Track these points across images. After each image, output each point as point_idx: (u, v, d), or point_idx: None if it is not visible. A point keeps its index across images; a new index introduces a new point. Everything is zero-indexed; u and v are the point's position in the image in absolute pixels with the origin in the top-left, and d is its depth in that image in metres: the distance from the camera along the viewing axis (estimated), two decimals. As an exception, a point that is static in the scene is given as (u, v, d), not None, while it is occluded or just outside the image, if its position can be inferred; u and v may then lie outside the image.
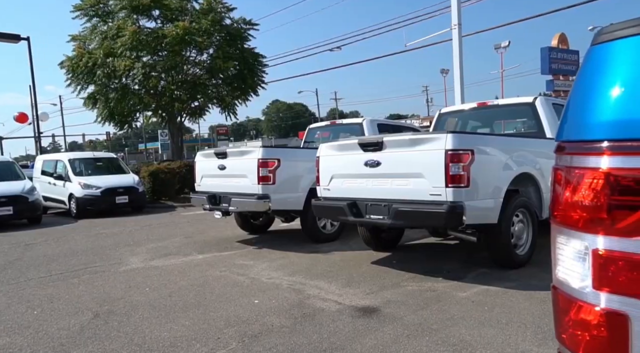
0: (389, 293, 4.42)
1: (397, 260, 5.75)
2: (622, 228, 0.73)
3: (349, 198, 5.30)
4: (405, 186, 4.79)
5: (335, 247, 6.67)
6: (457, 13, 10.89)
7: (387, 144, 4.93)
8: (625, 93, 0.74)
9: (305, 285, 4.82)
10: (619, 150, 0.74)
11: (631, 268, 0.71)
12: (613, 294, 0.74)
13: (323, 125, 9.50)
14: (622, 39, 0.77)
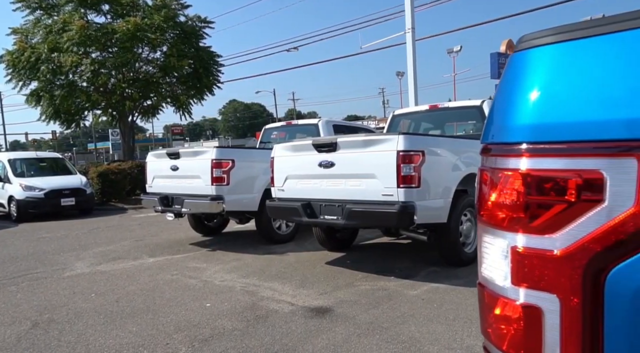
0: (342, 293, 4.45)
1: (351, 260, 5.81)
2: (536, 226, 0.76)
3: (303, 199, 5.30)
4: (358, 187, 4.85)
5: (290, 248, 6.66)
6: (410, 17, 11.14)
7: (340, 145, 4.98)
8: (540, 98, 0.78)
9: (259, 287, 4.78)
10: (534, 152, 0.78)
11: (544, 264, 0.75)
12: (529, 289, 0.77)
13: (279, 126, 9.46)
14: (538, 47, 0.81)
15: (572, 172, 0.73)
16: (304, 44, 22.11)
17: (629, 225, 0.68)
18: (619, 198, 0.69)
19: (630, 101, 0.69)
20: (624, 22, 0.73)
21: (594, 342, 0.71)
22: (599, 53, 0.75)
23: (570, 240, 0.73)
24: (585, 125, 0.73)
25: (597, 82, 0.74)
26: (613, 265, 0.69)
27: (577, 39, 0.78)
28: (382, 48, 21.07)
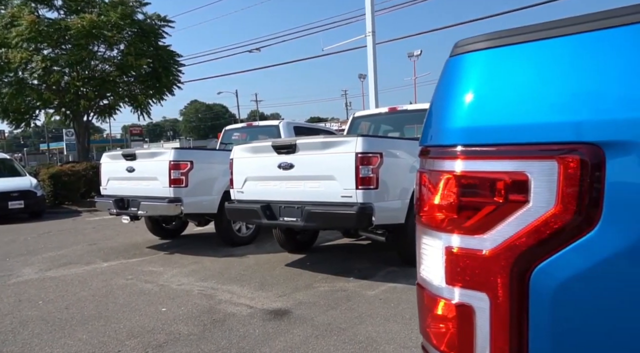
0: (301, 294, 4.45)
1: (311, 262, 5.82)
2: (468, 226, 0.78)
3: (262, 201, 5.27)
4: (317, 188, 4.86)
5: (250, 250, 6.60)
6: (371, 21, 11.30)
7: (300, 147, 4.98)
8: (472, 102, 0.80)
9: (217, 290, 4.71)
10: (467, 155, 0.80)
11: (475, 264, 0.77)
12: (462, 288, 0.80)
13: (240, 127, 9.36)
14: (471, 52, 0.84)
15: (500, 174, 0.76)
16: (266, 45, 22.02)
17: (550, 224, 0.71)
18: (541, 199, 0.72)
19: (551, 106, 0.73)
20: (548, 30, 0.76)
21: (521, 338, 0.74)
22: (524, 60, 0.78)
23: (498, 240, 0.76)
24: (512, 128, 0.76)
25: (523, 87, 0.77)
26: (537, 263, 0.72)
27: (506, 46, 0.81)
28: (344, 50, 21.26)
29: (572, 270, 0.69)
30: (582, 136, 0.69)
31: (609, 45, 0.70)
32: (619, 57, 0.69)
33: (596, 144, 0.68)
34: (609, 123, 0.67)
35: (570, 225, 0.70)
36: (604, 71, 0.69)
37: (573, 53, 0.73)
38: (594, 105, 0.69)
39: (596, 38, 0.71)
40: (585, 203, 0.69)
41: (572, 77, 0.72)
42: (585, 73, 0.71)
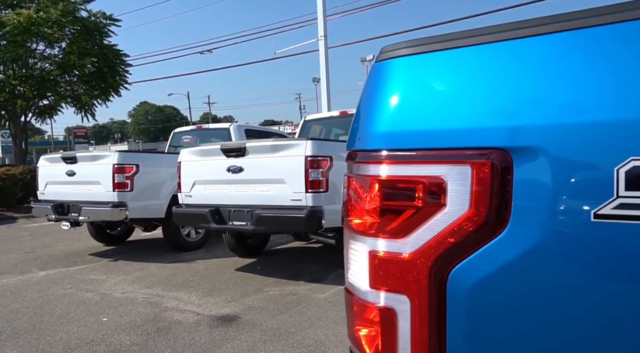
0: (251, 299, 4.39)
1: (262, 266, 5.76)
2: (390, 230, 0.80)
3: (211, 205, 5.17)
4: (267, 192, 4.83)
5: (199, 256, 6.45)
6: (323, 25, 11.39)
7: (249, 150, 4.93)
8: (395, 108, 0.82)
9: (163, 297, 4.56)
10: (390, 159, 0.81)
11: (397, 267, 0.78)
12: (385, 292, 0.80)
13: (189, 130, 9.15)
14: (395, 58, 0.85)
15: (420, 178, 0.78)
16: (218, 47, 21.65)
17: (465, 227, 0.73)
18: (457, 202, 0.74)
19: (465, 113, 0.75)
20: (462, 39, 0.79)
21: (440, 339, 0.76)
22: (441, 67, 0.80)
23: (418, 244, 0.77)
24: (431, 134, 0.78)
25: (441, 94, 0.79)
26: (453, 265, 0.74)
27: (426, 53, 0.83)
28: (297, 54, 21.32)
29: (484, 271, 0.72)
30: (492, 141, 0.71)
31: (518, 55, 0.73)
32: (525, 67, 0.72)
33: (505, 149, 0.70)
34: (516, 129, 0.70)
35: (483, 228, 0.72)
36: (511, 80, 0.72)
37: (483, 62, 0.76)
38: (502, 113, 0.72)
39: (504, 48, 0.74)
40: (495, 206, 0.71)
41: (483, 85, 0.75)
42: (494, 81, 0.74)
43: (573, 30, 0.68)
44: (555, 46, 0.70)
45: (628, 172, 0.61)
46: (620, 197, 0.61)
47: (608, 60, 0.66)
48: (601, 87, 0.65)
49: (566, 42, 0.69)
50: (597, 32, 0.66)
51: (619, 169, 0.61)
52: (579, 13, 0.70)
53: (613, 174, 0.62)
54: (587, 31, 0.67)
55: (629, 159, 0.61)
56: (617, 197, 0.61)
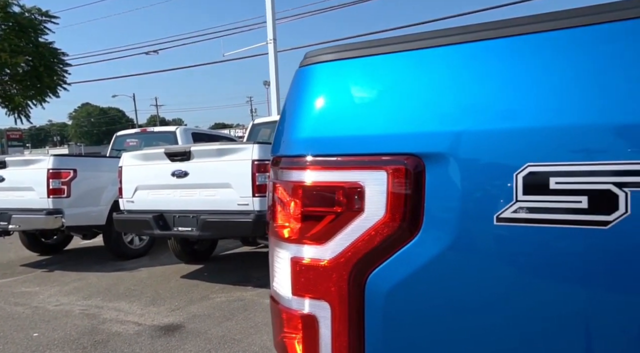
0: (196, 307, 4.29)
1: (209, 272, 5.64)
2: (311, 236, 0.80)
3: (155, 211, 5.01)
4: (213, 196, 4.74)
5: (143, 263, 6.22)
6: (272, 28, 11.36)
7: (194, 154, 4.82)
8: (318, 113, 0.82)
9: (102, 308, 4.36)
10: (312, 165, 0.81)
11: (317, 273, 0.79)
12: (307, 299, 0.80)
13: (132, 133, 8.81)
14: (319, 64, 0.86)
15: (340, 184, 0.78)
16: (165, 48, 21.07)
17: (381, 232, 0.75)
18: (374, 208, 0.75)
19: (382, 119, 0.77)
20: (380, 46, 0.81)
21: (359, 344, 0.77)
22: (361, 74, 0.82)
23: (338, 249, 0.78)
24: (351, 139, 0.79)
25: (360, 100, 0.80)
26: (371, 270, 0.75)
27: (348, 59, 0.84)
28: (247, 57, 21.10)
29: (399, 275, 0.73)
30: (406, 148, 0.73)
31: (426, 64, 0.76)
32: (433, 76, 0.75)
33: (417, 155, 0.72)
34: (427, 136, 0.72)
35: (398, 232, 0.74)
36: (421, 88, 0.75)
37: (396, 70, 0.78)
38: (415, 119, 0.74)
39: (414, 56, 0.76)
40: (410, 211, 0.73)
41: (397, 92, 0.77)
42: (407, 89, 0.76)
43: (470, 42, 0.71)
44: (456, 56, 0.73)
45: (525, 177, 0.64)
46: (519, 201, 0.65)
47: (507, 71, 0.69)
48: (502, 96, 0.69)
49: (466, 52, 0.72)
50: (494, 45, 0.70)
51: (518, 174, 0.65)
52: (478, 26, 0.73)
53: (513, 179, 0.65)
54: (485, 43, 0.70)
55: (525, 164, 0.64)
56: (517, 201, 0.65)
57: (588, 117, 0.62)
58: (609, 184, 0.59)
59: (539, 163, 0.63)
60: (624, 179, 0.58)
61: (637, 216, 0.58)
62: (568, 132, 0.62)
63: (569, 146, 0.62)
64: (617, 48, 0.62)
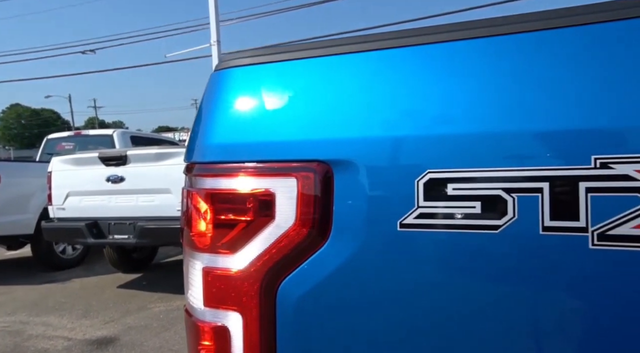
0: (133, 318, 4.11)
1: (148, 281, 5.43)
2: (223, 245, 0.78)
3: (88, 218, 4.76)
4: (151, 202, 4.57)
5: (76, 274, 5.89)
6: (215, 30, 11.16)
7: (131, 158, 4.64)
8: (231, 119, 0.81)
9: (27, 324, 4.07)
10: (224, 172, 0.80)
11: (229, 283, 0.77)
12: (218, 310, 0.78)
13: (65, 136, 8.34)
14: (234, 67, 0.84)
15: (252, 191, 0.77)
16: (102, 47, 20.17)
17: (291, 240, 0.74)
18: (284, 215, 0.75)
19: (293, 125, 0.76)
20: (305, 50, 0.80)
21: None
22: (275, 79, 0.81)
23: (249, 258, 0.76)
24: (264, 146, 0.78)
25: (274, 106, 0.79)
26: (282, 279, 0.74)
27: (263, 64, 0.83)
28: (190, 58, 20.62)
29: (308, 283, 0.73)
30: (316, 154, 0.73)
31: (337, 70, 0.76)
32: (342, 82, 0.75)
33: (326, 161, 0.73)
34: (335, 142, 0.72)
35: (307, 240, 0.73)
36: (331, 95, 0.75)
37: (307, 76, 0.78)
38: (324, 126, 0.74)
39: (326, 63, 0.77)
40: (319, 218, 0.73)
41: (308, 98, 0.77)
42: (317, 95, 0.76)
43: (374, 51, 0.72)
44: (362, 63, 0.74)
45: (425, 183, 0.66)
46: (420, 207, 0.66)
47: (410, 78, 0.71)
48: (406, 104, 0.70)
49: (370, 59, 0.73)
50: (397, 53, 0.72)
51: (419, 180, 0.66)
52: (394, 33, 0.75)
53: (414, 186, 0.66)
54: (388, 52, 0.72)
55: (426, 171, 0.66)
56: (418, 207, 0.66)
57: (479, 124, 0.64)
58: (499, 190, 0.62)
59: (438, 169, 0.65)
60: (511, 185, 0.61)
61: (523, 220, 0.61)
62: (463, 139, 0.65)
63: (465, 153, 0.64)
64: (510, 59, 0.65)
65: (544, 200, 0.59)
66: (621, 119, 0.57)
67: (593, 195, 0.57)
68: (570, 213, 0.58)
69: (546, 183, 0.59)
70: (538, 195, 0.60)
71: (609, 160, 0.56)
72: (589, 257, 0.58)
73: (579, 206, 0.58)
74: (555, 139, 0.60)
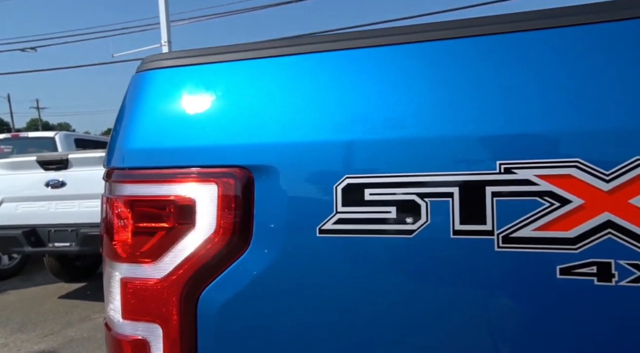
0: (74, 330, 3.91)
1: (92, 291, 5.20)
2: (141, 254, 0.75)
3: (25, 226, 4.50)
4: (95, 208, 4.38)
5: (12, 285, 5.54)
6: (166, 30, 10.88)
7: (73, 162, 4.43)
8: (151, 123, 0.78)
9: (-44, 340, 3.79)
10: (143, 179, 0.77)
11: (148, 293, 0.74)
12: (138, 322, 0.75)
13: (2, 139, 7.86)
14: (155, 70, 0.81)
15: (171, 197, 0.75)
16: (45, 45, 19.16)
17: (212, 247, 0.72)
18: (205, 222, 0.73)
19: (214, 130, 0.75)
20: (227, 53, 0.79)
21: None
22: (199, 82, 0.79)
23: (169, 267, 0.74)
24: (184, 151, 0.76)
25: (195, 110, 0.77)
26: (203, 288, 0.72)
27: (188, 66, 0.81)
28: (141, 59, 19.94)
29: (230, 291, 0.71)
30: (237, 160, 0.72)
31: (258, 74, 0.75)
32: (261, 87, 0.74)
33: (247, 167, 0.71)
34: (256, 148, 0.71)
35: (228, 247, 0.72)
36: (251, 99, 0.74)
37: (229, 80, 0.76)
38: (245, 131, 0.73)
39: (247, 66, 0.75)
40: (239, 225, 0.72)
41: (229, 103, 0.75)
42: (237, 100, 0.75)
43: (290, 56, 0.72)
44: (283, 69, 0.74)
45: (343, 189, 0.66)
46: (338, 212, 0.66)
47: (328, 85, 0.71)
48: (325, 109, 0.70)
49: (290, 64, 0.73)
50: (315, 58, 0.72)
51: (337, 186, 0.66)
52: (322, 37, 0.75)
53: (333, 191, 0.66)
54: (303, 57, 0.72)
55: (344, 176, 0.66)
56: (336, 213, 0.66)
57: (395, 130, 0.65)
58: (413, 195, 0.63)
59: (356, 175, 0.66)
60: (424, 190, 0.62)
61: (435, 225, 0.62)
62: (379, 144, 0.65)
63: (381, 158, 0.65)
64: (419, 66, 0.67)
65: (454, 205, 0.61)
66: (523, 125, 0.60)
67: (498, 199, 0.59)
68: (478, 217, 0.60)
69: (456, 188, 0.61)
70: (449, 199, 0.61)
71: (512, 165, 0.58)
72: (495, 260, 0.60)
73: (486, 210, 0.60)
74: (464, 145, 0.61)
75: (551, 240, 0.57)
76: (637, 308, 0.56)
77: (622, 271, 0.55)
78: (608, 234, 0.55)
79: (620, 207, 0.55)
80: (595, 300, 0.56)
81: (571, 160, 0.56)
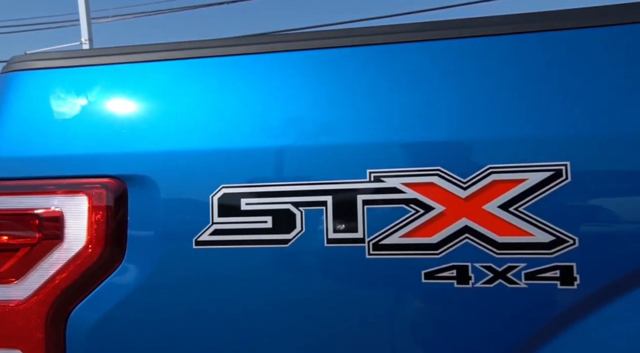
0: None
1: None
2: (2, 274, 0.68)
3: None
4: None
5: None
6: (87, 28, 10.26)
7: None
8: (12, 130, 0.72)
9: None
10: (2, 191, 0.70)
11: (7, 317, 0.68)
12: (-4, 350, 0.68)
13: None
14: (23, 71, 0.75)
15: (35, 210, 0.69)
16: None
17: (83, 262, 0.68)
18: (75, 236, 0.68)
19: (84, 138, 0.70)
20: (103, 56, 0.74)
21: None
22: (70, 86, 0.74)
23: (34, 286, 0.68)
24: (49, 160, 0.71)
25: (62, 116, 0.72)
26: (73, 307, 0.68)
27: (58, 68, 0.75)
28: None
29: (103, 308, 0.67)
30: (108, 170, 0.68)
31: (129, 78, 0.72)
32: (141, 91, 0.71)
33: (119, 177, 0.67)
34: (129, 157, 0.68)
35: (100, 262, 0.67)
36: (124, 105, 0.70)
37: (103, 84, 0.72)
38: (118, 139, 0.69)
39: (127, 70, 0.72)
40: (112, 238, 0.68)
41: (102, 108, 0.71)
42: (109, 105, 0.71)
43: (178, 59, 0.70)
44: (157, 74, 0.71)
45: (220, 199, 0.64)
46: (215, 223, 0.64)
47: (229, 88, 0.69)
48: (200, 117, 0.68)
49: (168, 70, 0.71)
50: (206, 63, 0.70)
51: (213, 196, 0.64)
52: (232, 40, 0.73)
53: (209, 202, 0.64)
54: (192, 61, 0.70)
55: (220, 186, 0.64)
56: (213, 224, 0.64)
57: (269, 139, 0.65)
58: (288, 204, 0.62)
59: (232, 184, 0.64)
60: (299, 199, 0.62)
61: (310, 233, 0.62)
62: (254, 153, 0.64)
63: (256, 167, 0.64)
64: (296, 75, 0.67)
65: (328, 213, 0.61)
66: (392, 134, 0.61)
67: (369, 207, 0.60)
68: (351, 225, 0.61)
69: (329, 197, 0.61)
70: (323, 208, 0.61)
71: (380, 173, 0.60)
72: (366, 267, 0.61)
73: (357, 218, 0.60)
74: (338, 153, 0.62)
75: (416, 246, 0.59)
76: (490, 308, 0.59)
77: (477, 274, 0.58)
78: (465, 239, 0.58)
79: (476, 213, 0.58)
80: (455, 302, 0.59)
81: (433, 168, 0.59)
